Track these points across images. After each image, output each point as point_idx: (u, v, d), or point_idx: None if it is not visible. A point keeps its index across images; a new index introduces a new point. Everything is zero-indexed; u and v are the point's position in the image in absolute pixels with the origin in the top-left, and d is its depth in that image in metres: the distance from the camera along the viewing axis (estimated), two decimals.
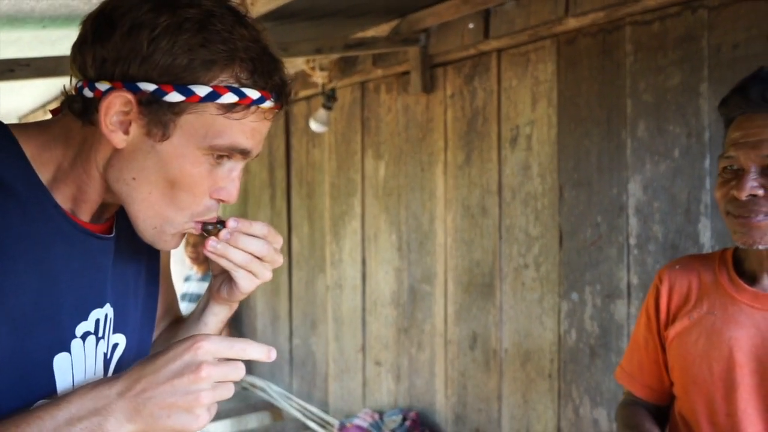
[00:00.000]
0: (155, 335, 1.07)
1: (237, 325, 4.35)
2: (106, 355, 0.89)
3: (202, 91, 0.77)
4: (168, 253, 1.07)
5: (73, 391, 0.74)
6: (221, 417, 3.84)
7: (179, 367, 0.72)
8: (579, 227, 2.29)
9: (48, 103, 4.58)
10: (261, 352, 0.77)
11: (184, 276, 4.61)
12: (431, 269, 2.90)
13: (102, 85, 0.78)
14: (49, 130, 0.84)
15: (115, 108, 0.78)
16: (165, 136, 0.79)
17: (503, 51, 2.55)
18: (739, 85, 1.20)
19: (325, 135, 3.49)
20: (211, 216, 0.86)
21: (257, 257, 0.89)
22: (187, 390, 0.72)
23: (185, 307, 4.12)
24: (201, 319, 1.00)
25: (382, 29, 2.90)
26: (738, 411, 1.21)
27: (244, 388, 4.19)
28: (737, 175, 1.16)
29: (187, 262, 4.53)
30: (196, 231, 0.86)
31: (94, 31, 0.79)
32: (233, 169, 0.85)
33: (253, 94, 0.80)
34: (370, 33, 2.96)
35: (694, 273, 1.33)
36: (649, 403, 1.43)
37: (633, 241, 2.13)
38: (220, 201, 0.86)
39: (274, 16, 2.43)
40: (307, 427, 3.58)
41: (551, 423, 2.40)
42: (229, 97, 0.78)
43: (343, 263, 3.45)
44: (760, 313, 1.21)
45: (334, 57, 3.16)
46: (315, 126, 3.25)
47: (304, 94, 3.62)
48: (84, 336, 0.84)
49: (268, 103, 0.82)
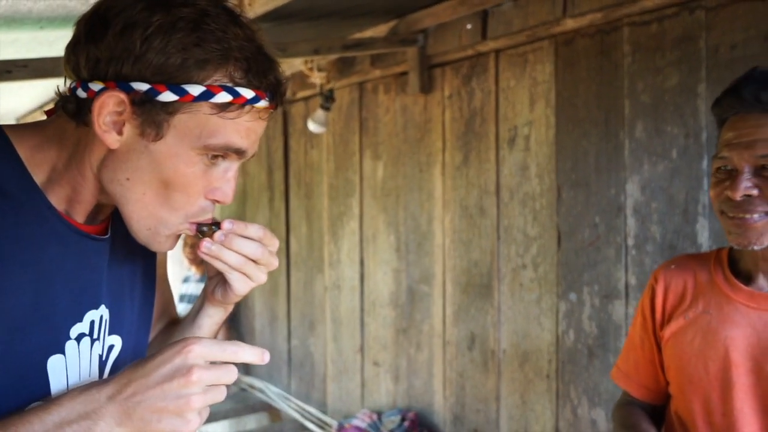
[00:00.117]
0: (151, 337, 1.07)
1: (235, 326, 4.35)
2: (101, 356, 0.89)
3: (195, 90, 0.77)
4: (165, 254, 1.06)
5: (63, 395, 0.74)
6: (219, 418, 3.84)
7: (170, 371, 0.72)
8: (577, 228, 2.29)
9: (46, 104, 4.57)
10: (254, 355, 0.76)
11: (183, 277, 4.61)
12: (429, 270, 2.90)
13: (95, 86, 0.77)
14: (43, 131, 0.84)
15: (108, 108, 0.77)
16: (159, 136, 0.79)
17: (501, 52, 2.55)
18: (732, 86, 1.20)
19: (323, 136, 3.49)
20: (206, 217, 0.86)
21: (252, 260, 0.89)
22: (178, 394, 0.71)
23: (183, 308, 4.12)
24: (195, 321, 1.00)
25: (380, 30, 2.90)
26: (734, 410, 1.21)
27: (242, 389, 4.19)
28: (731, 176, 1.17)
29: (186, 263, 4.52)
30: (190, 232, 0.85)
31: (87, 32, 0.79)
32: (228, 169, 0.84)
33: (247, 93, 0.79)
34: (368, 34, 2.96)
35: (690, 272, 1.33)
36: (646, 402, 1.43)
37: (631, 241, 2.13)
38: (215, 202, 0.85)
39: (272, 16, 2.42)
40: (306, 428, 3.57)
41: (549, 423, 2.39)
42: (223, 97, 0.78)
43: (341, 264, 3.44)
44: (755, 312, 1.21)
45: (332, 58, 3.16)
46: (313, 127, 3.25)
47: (302, 94, 3.62)
48: (79, 337, 0.84)
49: (263, 103, 0.82)
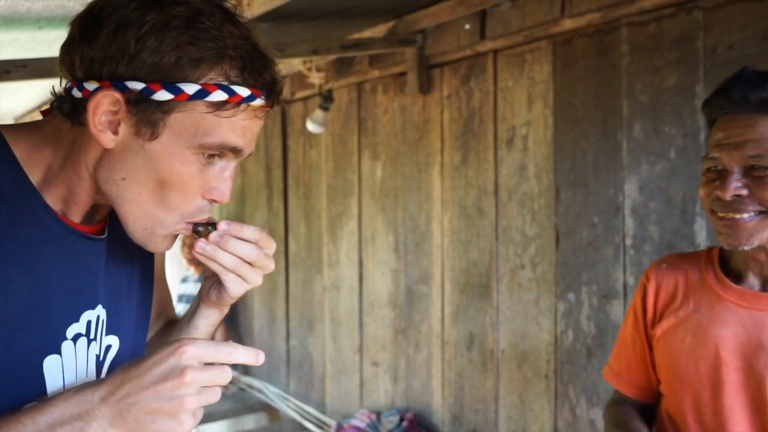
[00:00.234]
0: (149, 337, 1.06)
1: (234, 326, 4.35)
2: (98, 357, 0.88)
3: (190, 89, 0.77)
4: (163, 254, 1.06)
5: (56, 396, 0.73)
6: (218, 418, 3.83)
7: (163, 372, 0.71)
8: (575, 228, 2.29)
9: (44, 104, 4.56)
10: (248, 356, 0.76)
11: (181, 277, 4.60)
12: (428, 270, 2.90)
13: (90, 85, 0.77)
14: (39, 131, 0.84)
15: (104, 107, 0.77)
16: (154, 135, 0.78)
17: (499, 52, 2.55)
18: (721, 86, 1.20)
19: (321, 136, 3.49)
20: (203, 217, 0.85)
21: (247, 262, 0.88)
22: (172, 395, 0.71)
23: (182, 308, 4.12)
24: (191, 322, 0.99)
25: (379, 30, 2.90)
26: (724, 409, 1.21)
27: (241, 389, 4.19)
28: (721, 176, 1.17)
29: (184, 263, 4.52)
30: (187, 232, 0.85)
31: (81, 31, 0.79)
32: (225, 168, 0.84)
33: (242, 91, 0.79)
34: (366, 34, 2.96)
35: (681, 272, 1.33)
36: (637, 401, 1.43)
37: (629, 241, 2.13)
38: (212, 201, 0.85)
39: (271, 17, 2.42)
40: (304, 428, 3.57)
41: (548, 423, 2.40)
42: (218, 95, 0.78)
43: (340, 264, 3.44)
44: (745, 311, 1.22)
45: (331, 58, 3.16)
46: (312, 127, 3.26)
47: (300, 95, 3.62)
48: (75, 338, 0.84)
49: (259, 101, 0.81)
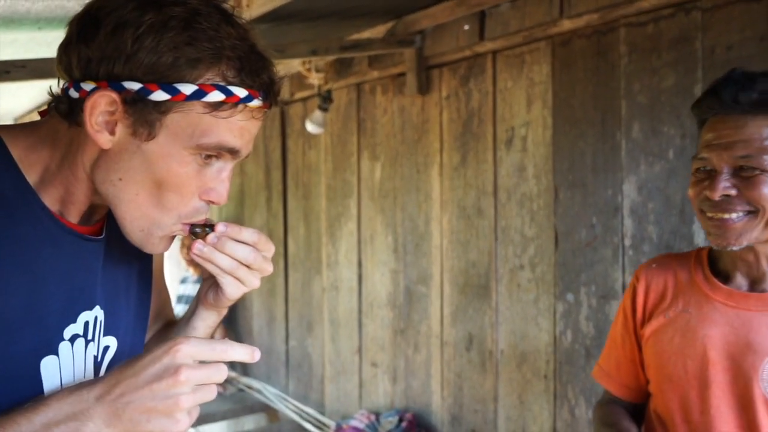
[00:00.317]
0: (147, 338, 1.06)
1: (233, 327, 4.35)
2: (96, 357, 0.88)
3: (187, 89, 0.76)
4: (161, 255, 1.06)
5: (51, 395, 0.73)
6: (217, 419, 3.83)
7: (158, 371, 0.71)
8: (574, 228, 2.29)
9: (44, 105, 4.57)
10: (244, 353, 0.76)
11: (181, 278, 4.60)
12: (427, 271, 2.91)
13: (87, 85, 0.77)
14: (36, 131, 0.84)
15: (100, 108, 0.77)
16: (151, 136, 0.78)
17: (498, 52, 2.55)
18: (711, 87, 1.21)
19: (321, 136, 3.49)
20: (200, 218, 0.85)
21: (245, 264, 0.88)
22: (167, 394, 0.71)
23: (182, 309, 4.12)
24: (190, 323, 0.99)
25: (378, 31, 2.90)
26: (711, 408, 1.22)
27: (240, 390, 4.19)
28: (710, 176, 1.18)
29: (183, 264, 4.52)
30: (184, 233, 0.84)
31: (79, 32, 0.78)
32: (223, 169, 0.83)
33: (240, 92, 0.79)
34: (365, 35, 2.96)
35: (671, 272, 1.34)
36: (626, 401, 1.44)
37: (628, 242, 2.13)
38: (209, 202, 0.85)
39: (270, 17, 2.42)
40: (304, 429, 3.57)
41: (547, 424, 2.40)
42: (215, 96, 0.77)
43: (339, 265, 3.44)
44: (733, 310, 1.23)
45: (330, 59, 3.16)
46: (311, 127, 3.26)
47: (300, 95, 3.62)
48: (72, 338, 0.83)
49: (256, 102, 0.81)
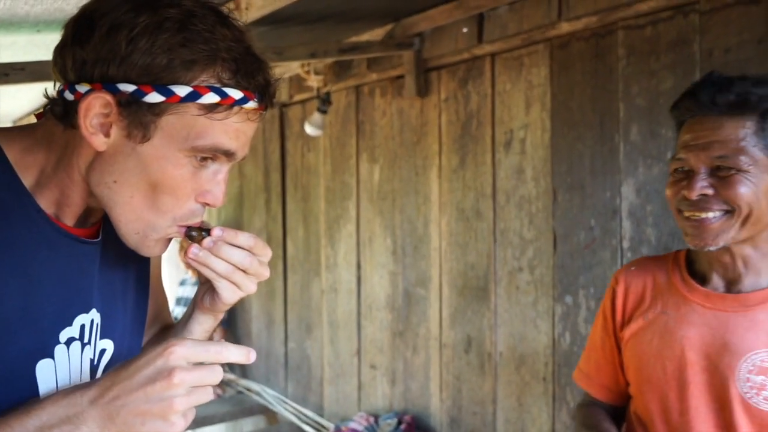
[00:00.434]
0: (144, 341, 1.06)
1: (232, 329, 4.35)
2: (93, 361, 0.88)
3: (182, 91, 0.76)
4: (159, 258, 1.05)
5: (45, 398, 0.73)
6: (216, 421, 3.83)
7: (151, 374, 0.71)
8: (573, 230, 2.30)
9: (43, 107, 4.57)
10: (239, 355, 0.75)
11: (179, 280, 4.60)
12: (426, 273, 2.91)
13: (82, 87, 0.77)
14: (32, 134, 0.83)
15: (95, 110, 0.77)
16: (146, 138, 0.78)
17: (497, 55, 2.56)
18: (689, 90, 1.23)
19: (320, 139, 3.49)
20: (196, 220, 0.85)
21: (241, 269, 0.87)
22: (161, 397, 0.70)
23: (180, 311, 4.12)
24: (186, 327, 0.99)
25: (377, 33, 2.91)
26: (690, 409, 1.23)
27: (239, 392, 4.18)
28: (688, 176, 1.20)
29: (182, 266, 4.52)
30: (179, 235, 0.84)
31: (74, 34, 0.78)
32: (218, 171, 0.83)
33: (235, 94, 0.78)
34: (364, 37, 2.97)
35: (649, 274, 1.35)
36: (607, 403, 1.44)
37: (626, 244, 2.13)
38: (205, 205, 0.84)
39: (269, 20, 2.43)
40: (303, 431, 3.57)
41: (546, 426, 2.40)
42: (210, 97, 0.77)
43: (338, 267, 3.44)
44: (710, 312, 1.24)
45: (329, 61, 3.16)
46: (310, 129, 3.26)
47: (299, 97, 3.62)
48: (68, 342, 0.83)
49: (252, 104, 0.81)
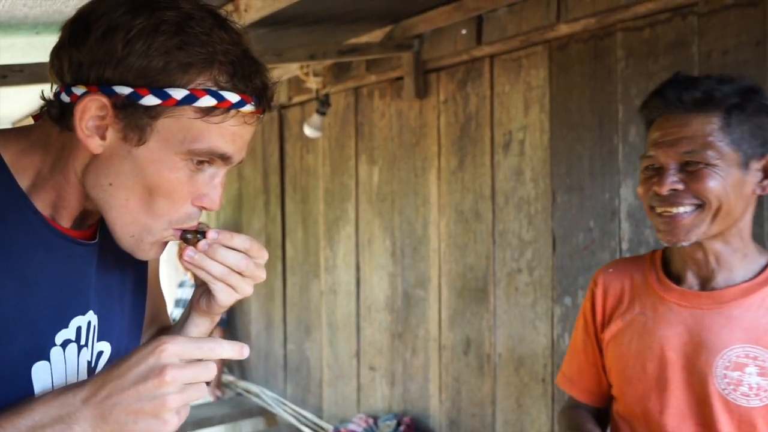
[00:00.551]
0: (142, 343, 1.04)
1: (231, 331, 4.34)
2: (90, 363, 0.87)
3: (178, 94, 0.76)
4: (157, 260, 1.05)
5: (36, 399, 0.72)
6: (215, 423, 3.83)
7: (143, 372, 0.70)
8: (572, 232, 2.30)
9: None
10: (232, 350, 0.75)
11: (178, 282, 4.60)
12: (425, 274, 2.91)
13: (78, 90, 0.76)
14: (28, 136, 0.83)
15: (91, 112, 0.76)
16: (141, 141, 0.77)
17: (496, 57, 2.56)
18: (657, 89, 1.26)
19: (319, 140, 3.50)
20: (192, 224, 0.84)
21: (237, 271, 0.87)
22: (153, 395, 0.70)
23: (179, 313, 4.11)
24: (183, 329, 0.99)
25: (376, 35, 2.91)
26: (671, 408, 1.23)
27: (238, 394, 4.18)
28: (658, 172, 1.22)
29: (181, 267, 4.51)
30: (175, 239, 0.84)
31: (70, 35, 0.78)
32: (215, 175, 0.83)
33: (232, 97, 0.78)
34: (363, 39, 2.97)
35: (627, 275, 1.36)
36: (591, 406, 1.44)
37: (625, 245, 2.13)
38: (202, 208, 0.84)
39: (268, 22, 2.43)
40: None
41: (545, 427, 2.39)
42: (206, 101, 0.77)
43: (337, 268, 3.44)
44: (687, 310, 1.25)
45: (328, 63, 3.16)
46: (309, 131, 3.26)
47: (298, 99, 3.62)
48: (64, 344, 0.83)
49: (249, 107, 0.80)
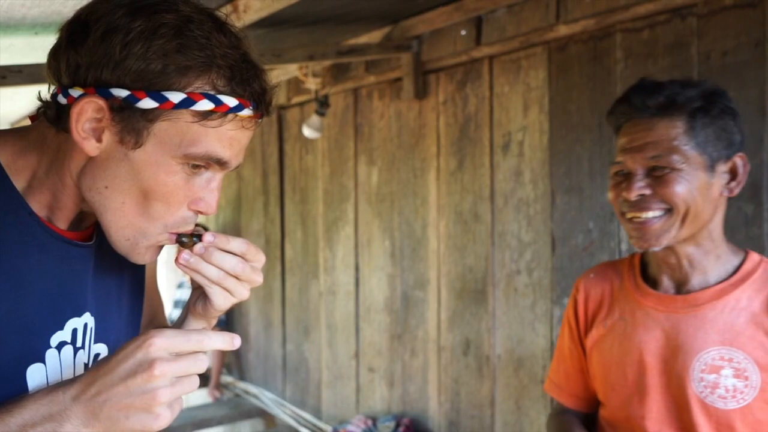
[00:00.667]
0: None
1: (230, 331, 4.34)
2: (87, 365, 0.87)
3: (176, 97, 0.75)
4: (155, 261, 1.05)
5: (26, 397, 0.72)
6: (213, 424, 3.82)
7: (132, 366, 0.70)
8: (571, 233, 2.29)
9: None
10: (222, 341, 0.74)
11: (177, 283, 4.60)
12: (424, 275, 2.90)
13: (75, 91, 0.76)
14: (25, 137, 0.83)
15: (87, 114, 0.76)
16: (138, 144, 0.77)
17: (495, 57, 2.55)
18: (623, 95, 1.28)
19: (318, 141, 3.49)
20: (188, 228, 0.84)
21: (233, 275, 0.86)
22: (143, 389, 0.69)
23: (178, 314, 4.10)
24: None
25: (375, 36, 2.91)
26: (652, 413, 1.24)
27: (237, 395, 4.18)
28: (627, 178, 1.24)
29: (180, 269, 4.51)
30: (170, 242, 0.83)
31: (68, 37, 0.77)
32: (212, 179, 0.82)
33: (230, 101, 0.77)
34: (362, 39, 2.97)
35: (607, 280, 1.37)
36: (579, 411, 1.44)
37: (624, 246, 2.13)
38: (198, 212, 0.83)
39: (267, 22, 2.43)
40: None
41: (544, 429, 2.39)
42: (204, 104, 0.76)
43: (336, 269, 3.44)
44: (663, 314, 1.25)
45: (327, 63, 3.16)
46: (308, 132, 3.26)
47: (297, 100, 3.62)
48: (60, 346, 0.82)
49: (247, 111, 0.80)
